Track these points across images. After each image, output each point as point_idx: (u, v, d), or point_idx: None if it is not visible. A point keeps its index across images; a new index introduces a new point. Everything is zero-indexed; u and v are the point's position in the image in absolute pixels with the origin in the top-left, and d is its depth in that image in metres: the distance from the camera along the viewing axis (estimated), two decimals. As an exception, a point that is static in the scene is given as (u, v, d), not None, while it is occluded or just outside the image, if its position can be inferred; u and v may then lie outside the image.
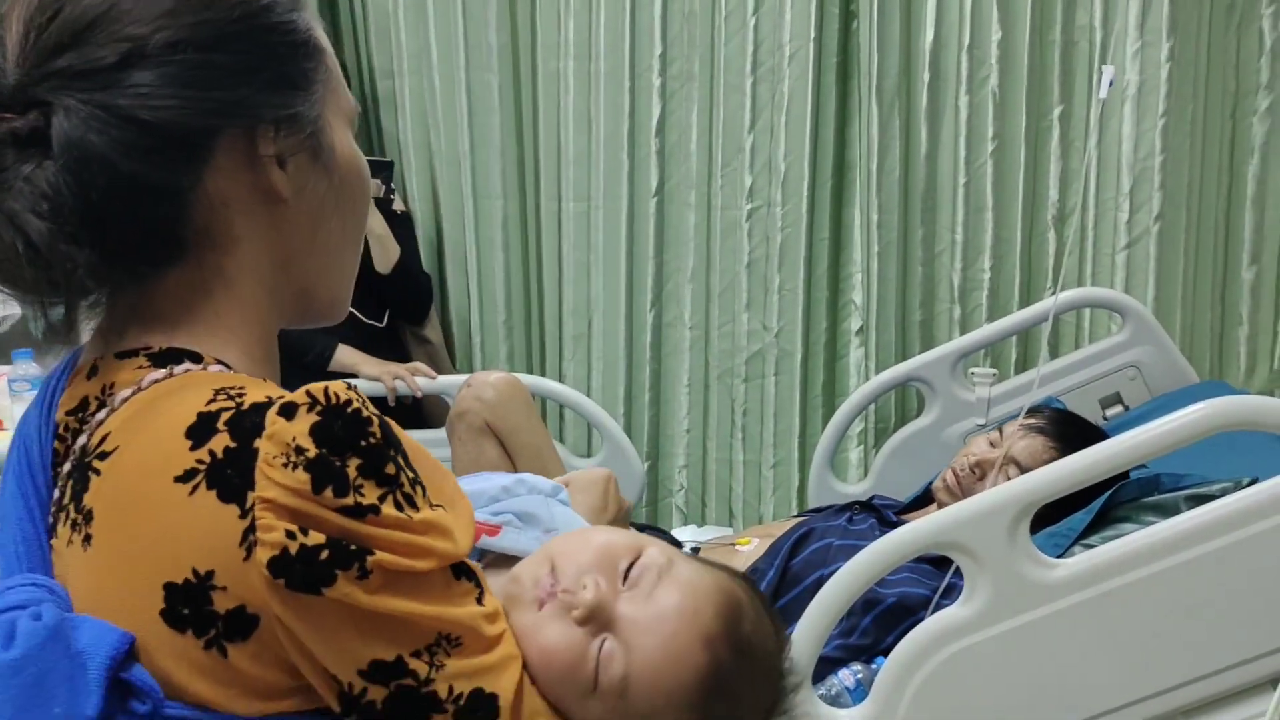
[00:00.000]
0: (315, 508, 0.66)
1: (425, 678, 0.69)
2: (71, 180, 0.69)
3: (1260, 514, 1.48)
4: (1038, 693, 1.52)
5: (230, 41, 0.73)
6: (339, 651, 0.68)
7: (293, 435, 0.66)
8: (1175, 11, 2.52)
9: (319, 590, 0.66)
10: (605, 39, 2.76)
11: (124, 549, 0.69)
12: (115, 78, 0.70)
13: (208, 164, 0.74)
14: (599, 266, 2.84)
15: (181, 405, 0.71)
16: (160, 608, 0.67)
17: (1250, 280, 2.66)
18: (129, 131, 0.69)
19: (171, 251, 0.75)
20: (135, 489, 0.69)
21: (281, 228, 0.79)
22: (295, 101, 0.77)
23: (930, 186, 2.71)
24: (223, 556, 0.66)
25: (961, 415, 2.46)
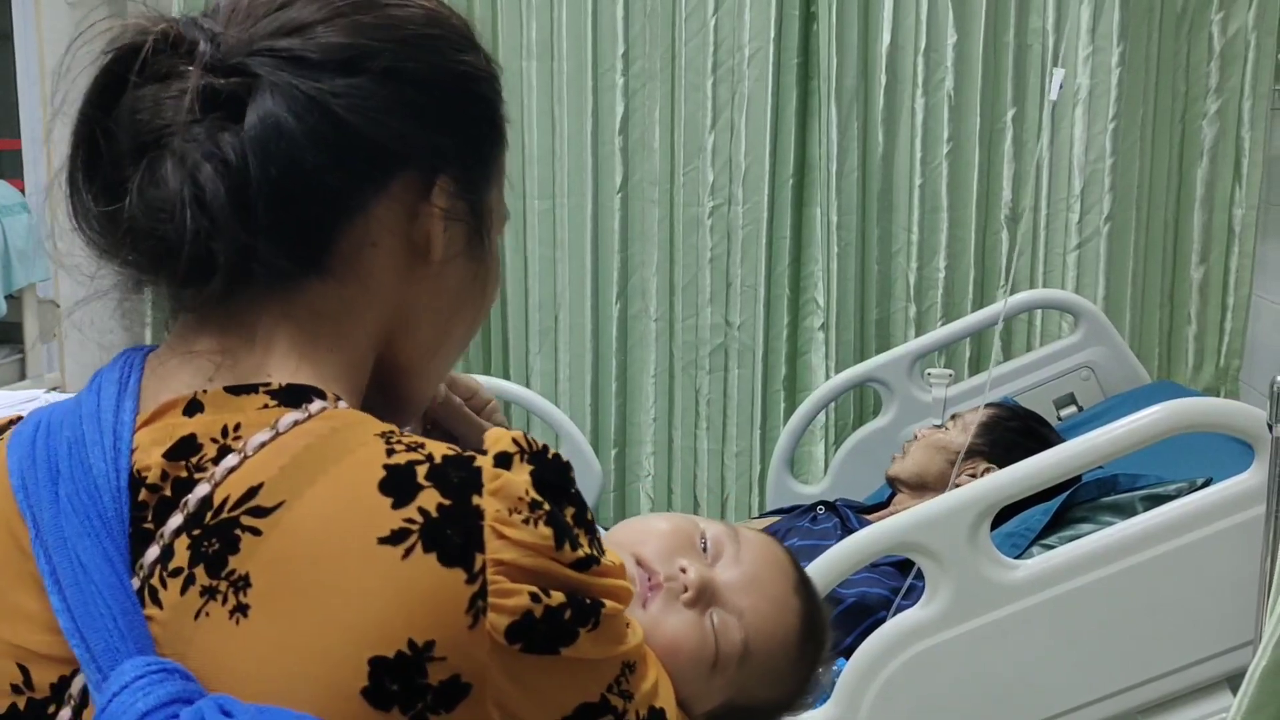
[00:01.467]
0: (555, 566, 0.61)
1: (621, 710, 0.65)
2: (256, 152, 0.64)
3: (1215, 515, 1.50)
4: (998, 693, 1.53)
5: (443, 91, 0.72)
6: (549, 705, 0.63)
7: (521, 488, 0.61)
8: (1126, 17, 2.56)
9: (559, 650, 0.61)
10: (568, 39, 2.75)
11: (310, 621, 0.60)
12: (330, 75, 0.67)
13: (383, 191, 0.69)
14: (565, 262, 2.85)
15: (356, 455, 0.63)
16: (363, 685, 0.59)
17: (1199, 280, 2.70)
18: (325, 124, 0.66)
19: (314, 263, 0.68)
20: (324, 552, 0.60)
21: (414, 290, 0.73)
22: (478, 172, 0.75)
23: (887, 187, 2.73)
24: (446, 625, 0.59)
25: (918, 415, 2.48)
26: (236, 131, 0.65)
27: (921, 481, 2.04)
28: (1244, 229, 2.64)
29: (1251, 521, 1.45)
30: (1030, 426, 2.10)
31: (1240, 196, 2.64)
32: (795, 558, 0.90)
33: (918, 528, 1.52)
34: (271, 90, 0.65)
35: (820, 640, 0.88)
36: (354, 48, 0.68)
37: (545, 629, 0.61)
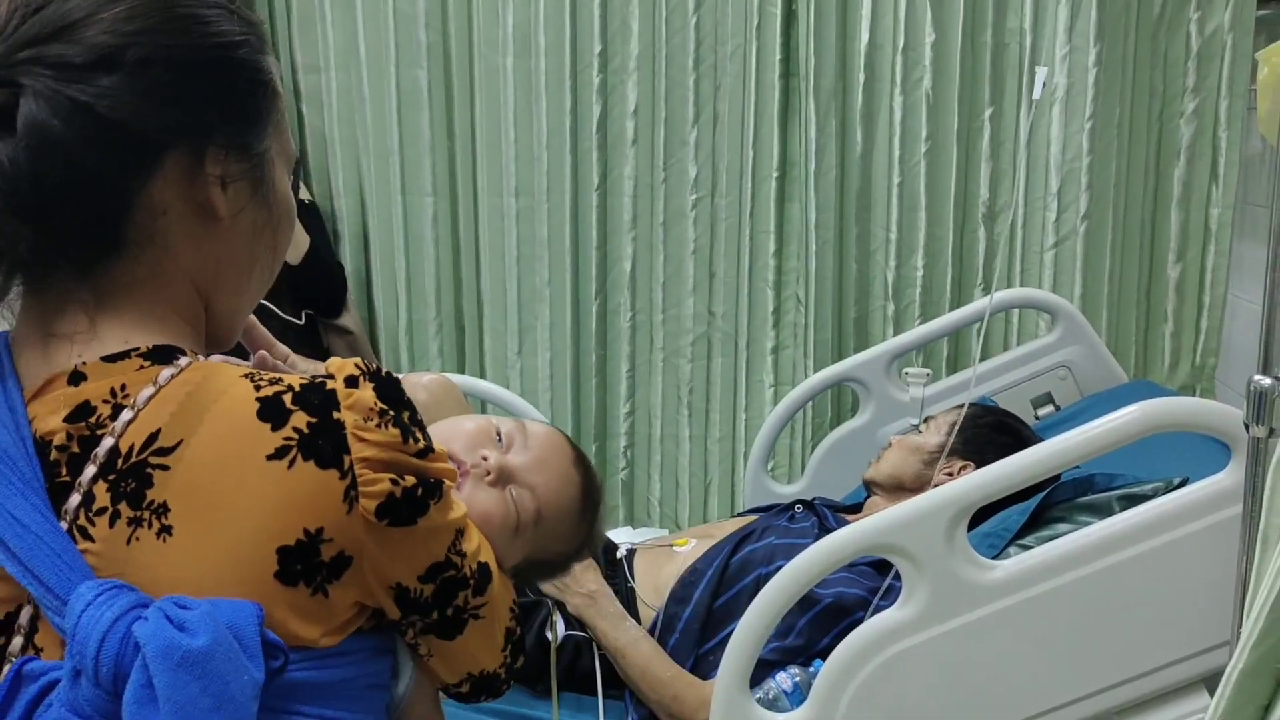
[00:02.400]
0: (404, 457, 0.79)
1: (459, 566, 0.84)
2: (29, 158, 0.73)
3: (1192, 515, 1.50)
4: (976, 694, 1.53)
5: (200, 68, 0.80)
6: (409, 565, 0.81)
7: (369, 401, 0.78)
8: (1103, 17, 2.56)
9: (416, 521, 0.79)
10: (546, 36, 2.74)
11: (226, 528, 0.75)
12: (87, 75, 0.75)
13: (156, 171, 0.79)
14: (544, 259, 2.84)
15: (229, 394, 0.78)
16: (275, 570, 0.76)
17: (1175, 278, 2.71)
18: (90, 125, 0.75)
19: (111, 245, 0.79)
20: (226, 474, 0.75)
21: (212, 245, 0.84)
22: (247, 133, 0.84)
23: (865, 186, 2.73)
24: (330, 514, 0.76)
25: (896, 415, 2.47)
26: (8, 140, 0.73)
27: (898, 483, 2.03)
28: (1220, 228, 2.65)
29: (1228, 521, 1.45)
30: (1002, 421, 2.10)
31: (1217, 196, 2.65)
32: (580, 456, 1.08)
33: (894, 528, 1.51)
34: (37, 99, 0.74)
35: (595, 502, 1.09)
36: (113, 46, 0.76)
37: (404, 506, 0.78)
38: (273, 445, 0.76)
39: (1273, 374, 1.31)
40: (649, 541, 2.13)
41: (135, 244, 0.80)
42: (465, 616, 0.87)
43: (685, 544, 2.04)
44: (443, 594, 0.84)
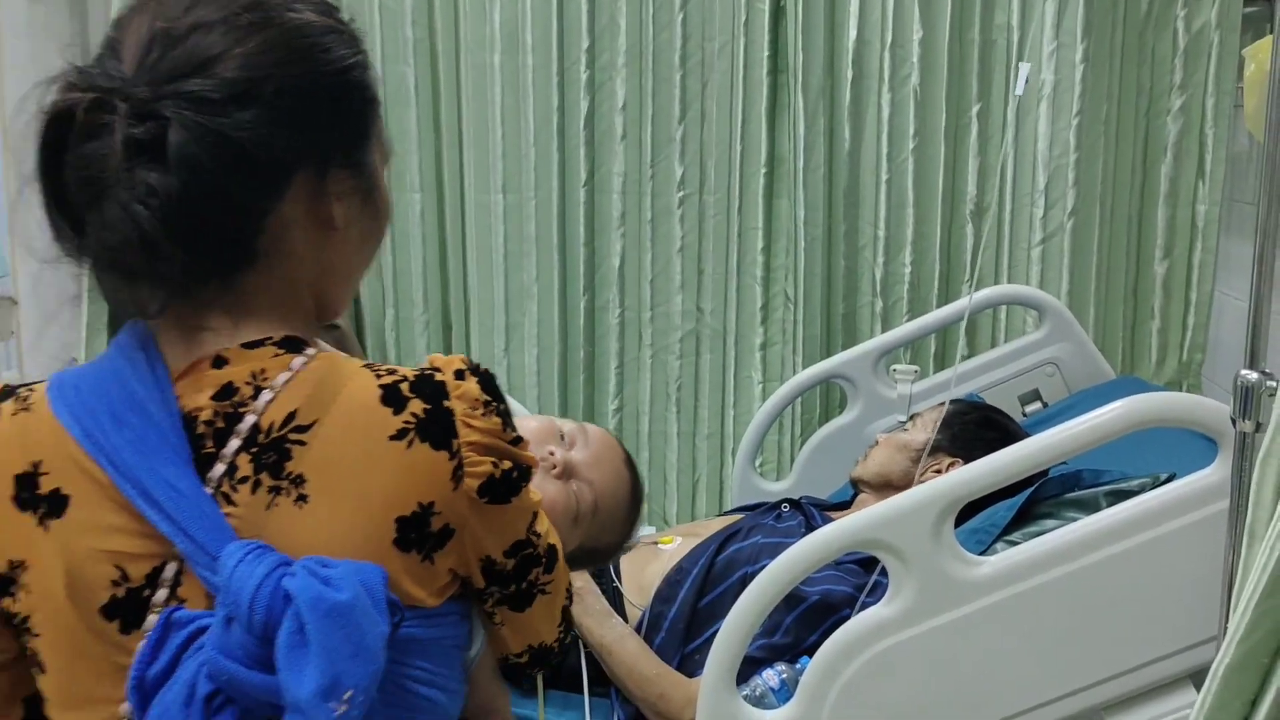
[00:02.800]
0: (502, 443, 0.91)
1: (536, 544, 0.96)
2: (179, 186, 0.82)
3: (1179, 510, 1.50)
4: (963, 690, 1.53)
5: (321, 95, 0.90)
6: (500, 539, 0.93)
7: (475, 393, 0.91)
8: (1090, 13, 2.56)
9: (509, 500, 0.92)
10: (533, 33, 2.73)
11: (355, 499, 0.87)
12: (228, 109, 0.84)
13: (287, 191, 0.89)
14: (532, 256, 2.83)
15: (355, 382, 0.90)
16: (393, 537, 0.87)
17: (1162, 274, 2.71)
18: (231, 155, 0.84)
19: (247, 258, 0.89)
20: (354, 451, 0.87)
21: (328, 250, 0.95)
22: (360, 150, 0.95)
23: (853, 182, 2.72)
24: (439, 489, 0.88)
25: (883, 412, 2.47)
26: (160, 169, 0.82)
27: (885, 481, 2.03)
28: (1207, 225, 2.65)
29: (1215, 517, 1.44)
30: (988, 416, 2.09)
31: (1204, 192, 2.65)
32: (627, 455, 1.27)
33: (881, 524, 1.51)
34: (183, 130, 0.82)
35: (640, 499, 1.26)
36: (248, 80, 0.85)
37: (501, 486, 0.91)
38: (394, 427, 0.87)
39: (1259, 369, 1.31)
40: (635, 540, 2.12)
41: (266, 255, 0.90)
42: (535, 591, 0.98)
43: (671, 542, 2.04)
44: (521, 569, 0.96)
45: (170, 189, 0.82)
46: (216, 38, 0.85)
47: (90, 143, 0.83)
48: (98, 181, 0.83)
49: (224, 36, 0.85)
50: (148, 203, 0.82)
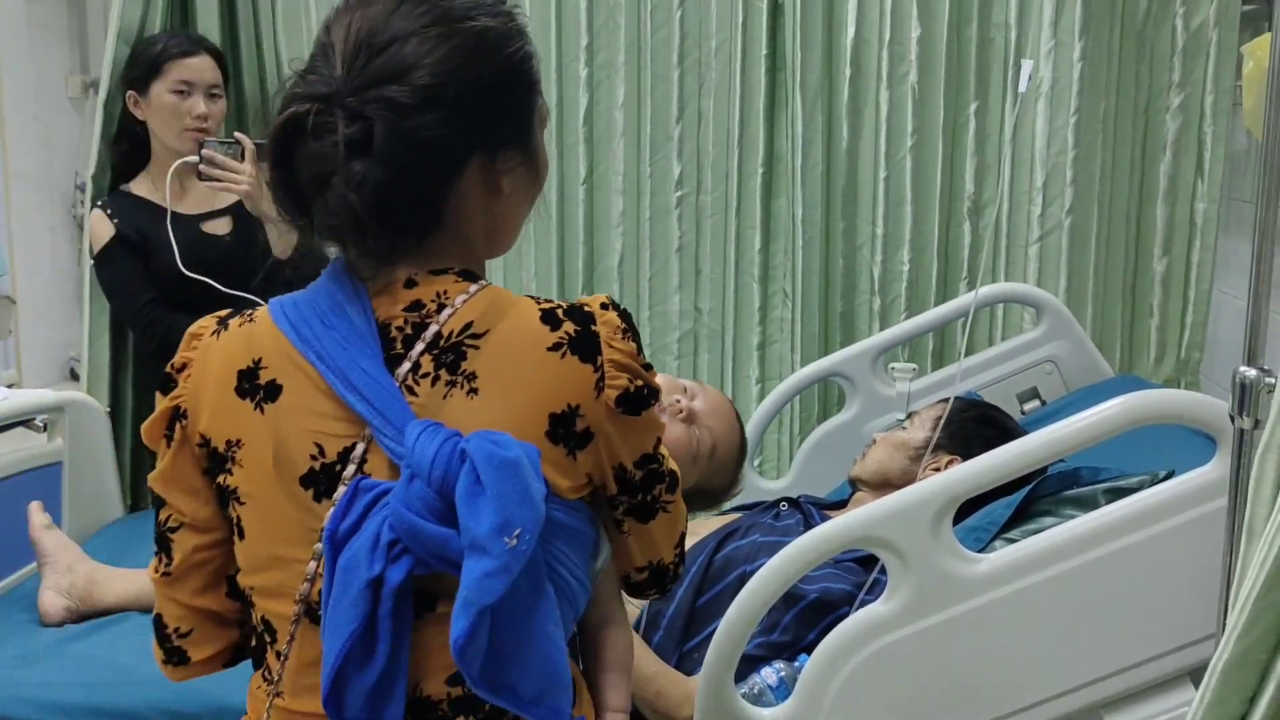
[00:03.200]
0: (637, 365, 1.08)
1: (662, 461, 1.13)
2: (385, 175, 1.03)
3: (1178, 508, 1.50)
4: (962, 688, 1.52)
5: (494, 90, 1.08)
6: (633, 449, 1.10)
7: (616, 322, 1.09)
8: (1088, 11, 2.56)
9: (640, 414, 1.08)
10: (532, 30, 2.73)
11: (517, 394, 1.05)
12: (415, 111, 1.03)
13: (464, 174, 1.09)
14: (530, 254, 2.83)
15: (519, 305, 1.09)
16: (545, 429, 1.05)
17: (1161, 272, 2.70)
18: (421, 148, 1.04)
19: (434, 226, 1.09)
20: (519, 355, 1.05)
21: (497, 209, 1.14)
22: (526, 131, 1.13)
23: (851, 180, 2.73)
24: (584, 396, 1.06)
25: (882, 410, 2.47)
26: (366, 161, 1.02)
27: (884, 480, 2.02)
28: (1206, 223, 2.65)
29: (1214, 514, 1.44)
30: (986, 414, 2.09)
31: (1202, 190, 2.65)
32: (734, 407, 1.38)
33: (879, 522, 1.51)
34: (385, 130, 1.02)
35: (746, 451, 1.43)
36: (435, 87, 1.03)
37: (635, 400, 1.07)
38: (551, 340, 1.06)
39: (1258, 365, 1.31)
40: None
41: (448, 220, 1.09)
42: (658, 507, 1.14)
43: (670, 539, 2.03)
44: (647, 481, 1.12)
45: (376, 178, 1.02)
46: (411, 49, 1.04)
47: (317, 142, 1.03)
48: (323, 173, 1.03)
49: (417, 48, 1.04)
50: (360, 191, 1.02)
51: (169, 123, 2.51)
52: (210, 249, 2.50)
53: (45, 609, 1.97)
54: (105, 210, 2.52)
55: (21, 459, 2.27)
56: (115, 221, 2.50)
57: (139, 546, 2.26)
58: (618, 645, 1.21)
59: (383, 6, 1.07)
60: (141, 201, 2.55)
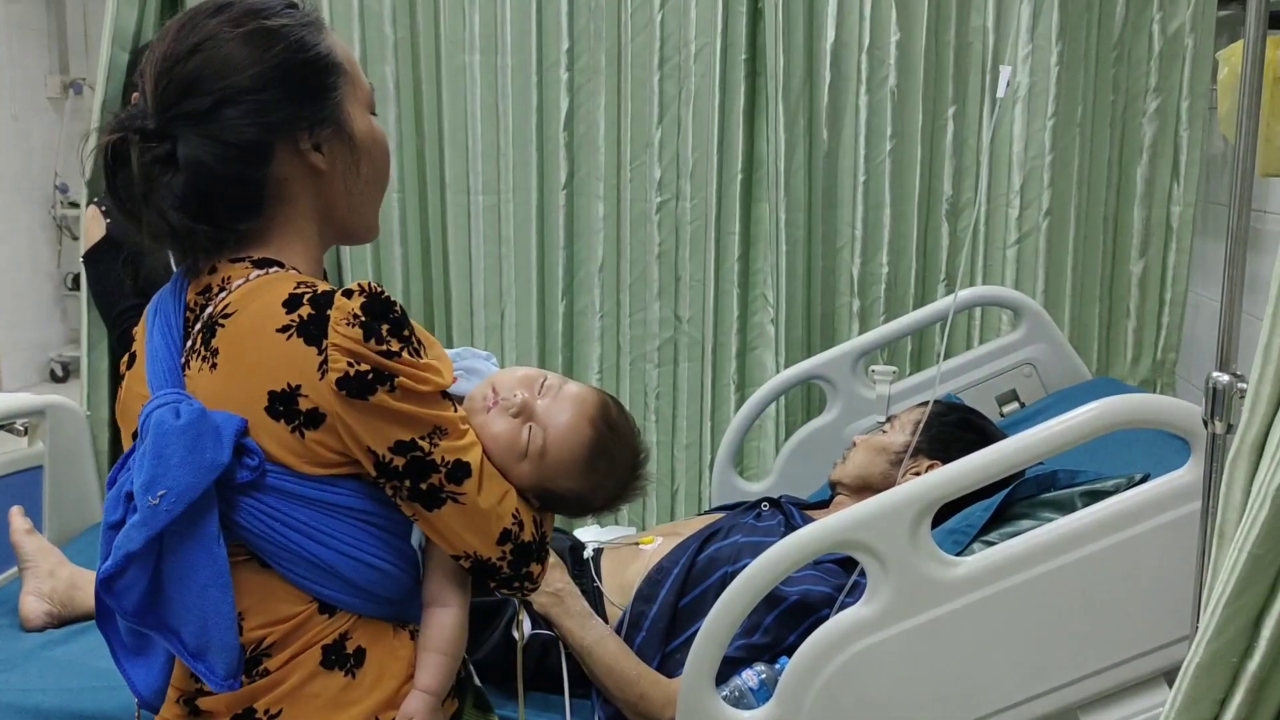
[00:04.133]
0: (364, 350, 1.11)
1: (427, 451, 1.15)
2: (192, 182, 1.15)
3: (1152, 510, 1.51)
4: (941, 690, 1.54)
5: (276, 80, 1.17)
6: (376, 435, 1.13)
7: (351, 308, 1.12)
8: (1065, 16, 2.58)
9: (366, 398, 1.12)
10: (512, 33, 2.73)
11: (242, 370, 1.13)
12: (212, 115, 1.15)
13: (271, 159, 1.18)
14: (510, 258, 2.83)
15: (277, 289, 1.15)
16: (264, 405, 1.12)
17: (1137, 275, 2.73)
18: (223, 149, 1.15)
19: (254, 213, 1.19)
20: (250, 335, 1.14)
21: (323, 188, 1.23)
22: (322, 108, 1.21)
23: (831, 183, 2.74)
24: (307, 376, 1.12)
25: (863, 412, 2.49)
26: (173, 173, 1.15)
27: (864, 484, 2.03)
28: (1182, 226, 2.68)
29: (1188, 517, 1.46)
30: (966, 418, 2.10)
31: (1178, 194, 2.67)
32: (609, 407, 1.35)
33: (859, 525, 1.52)
34: (185, 141, 1.15)
35: (611, 460, 1.34)
36: (216, 91, 1.15)
37: (357, 384, 1.11)
38: (281, 323, 1.12)
39: (1231, 371, 1.32)
40: (615, 540, 2.12)
41: (269, 205, 1.20)
42: (444, 496, 1.17)
43: (651, 542, 2.04)
44: (414, 470, 1.15)
45: (185, 186, 1.14)
46: (197, 62, 1.15)
47: (125, 169, 1.17)
48: (142, 193, 1.16)
49: (203, 59, 1.15)
50: (172, 201, 1.14)
51: None
52: None
53: (26, 614, 1.97)
54: (100, 207, 2.52)
55: (1, 463, 2.27)
56: (108, 221, 2.50)
57: (120, 550, 2.27)
58: (436, 626, 1.24)
59: (171, 33, 1.18)
60: None
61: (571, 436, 1.29)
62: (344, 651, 1.19)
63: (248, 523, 1.14)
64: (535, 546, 1.25)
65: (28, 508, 2.14)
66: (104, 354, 2.62)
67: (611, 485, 1.37)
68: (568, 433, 1.29)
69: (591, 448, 1.31)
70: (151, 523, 1.09)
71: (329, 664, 1.18)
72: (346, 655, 1.19)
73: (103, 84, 2.59)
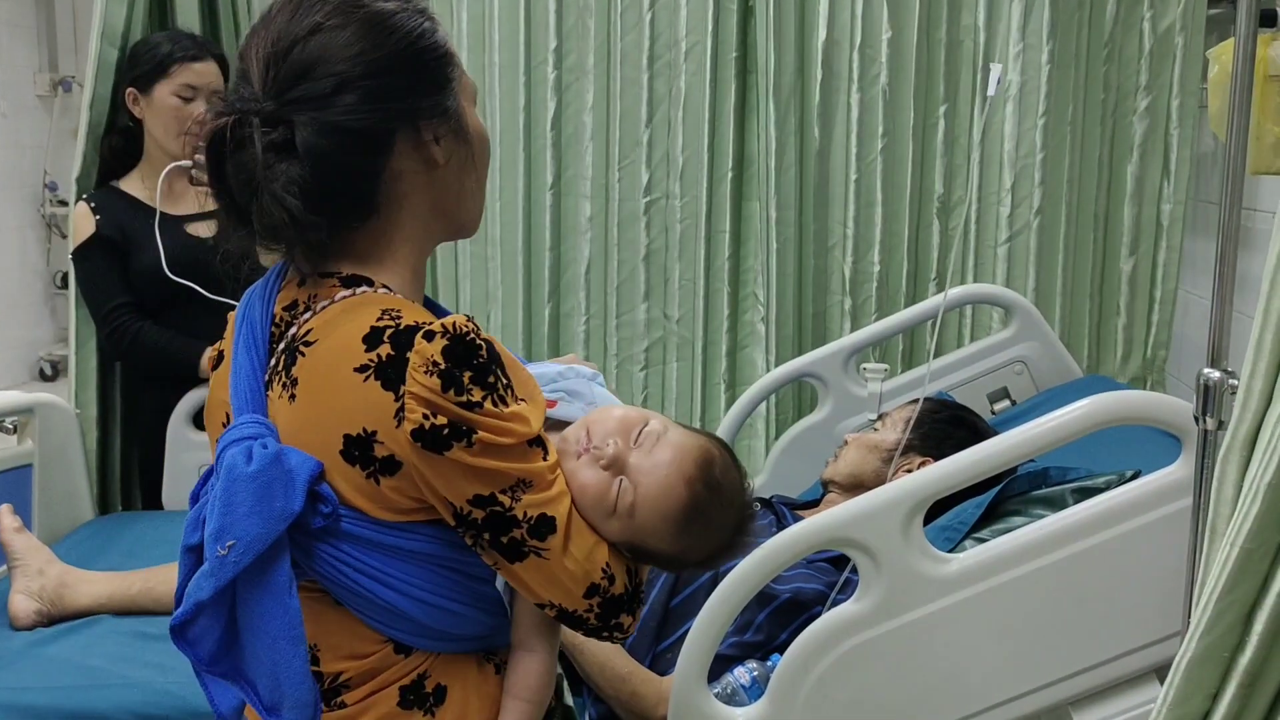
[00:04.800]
0: (442, 401, 1.04)
1: (509, 506, 1.08)
2: (311, 170, 1.07)
3: (1144, 507, 1.52)
4: (932, 687, 1.54)
5: (398, 66, 1.12)
6: (453, 489, 1.07)
7: (431, 353, 1.04)
8: (1056, 15, 2.58)
9: (442, 452, 1.05)
10: (500, 31, 2.72)
11: (319, 408, 1.08)
12: (331, 101, 1.08)
13: (391, 151, 1.13)
14: (496, 260, 2.82)
15: (360, 318, 1.09)
16: (340, 448, 1.07)
17: (1127, 273, 2.73)
18: (342, 136, 1.09)
19: (368, 211, 1.14)
20: (328, 372, 1.08)
21: (436, 184, 1.17)
22: (443, 99, 1.15)
23: (823, 181, 2.74)
24: (383, 423, 1.06)
25: (854, 410, 2.49)
26: (291, 161, 1.07)
27: (857, 482, 2.03)
28: (1172, 224, 2.68)
29: (1180, 513, 1.46)
30: (958, 415, 2.11)
31: (1169, 192, 2.68)
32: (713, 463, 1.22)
33: (850, 523, 1.52)
34: (303, 128, 1.08)
35: (707, 522, 1.21)
36: (335, 75, 1.09)
37: (431, 438, 1.04)
38: (360, 362, 1.06)
39: (1222, 367, 1.32)
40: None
41: (385, 206, 1.14)
42: (525, 550, 1.10)
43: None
44: (494, 523, 1.08)
45: (304, 174, 1.07)
46: (315, 45, 1.09)
47: (239, 154, 1.09)
48: (248, 183, 1.08)
49: (320, 42, 1.09)
50: (290, 190, 1.07)
51: (169, 125, 2.50)
52: (194, 251, 2.49)
53: (16, 612, 1.96)
54: (90, 204, 2.51)
55: (-9, 462, 2.26)
56: (97, 219, 2.49)
57: (110, 549, 2.26)
58: (521, 672, 1.20)
59: (283, 15, 1.12)
60: (129, 199, 2.54)
61: (663, 498, 1.17)
62: (423, 690, 1.15)
63: (320, 568, 1.10)
64: (627, 599, 1.16)
65: (17, 506, 2.13)
66: (92, 352, 2.61)
67: (709, 547, 1.24)
68: (660, 493, 1.17)
69: (686, 510, 1.19)
70: (219, 574, 1.05)
71: (407, 704, 1.14)
72: (425, 694, 1.15)
73: (92, 81, 2.58)
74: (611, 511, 1.16)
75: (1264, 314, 1.02)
